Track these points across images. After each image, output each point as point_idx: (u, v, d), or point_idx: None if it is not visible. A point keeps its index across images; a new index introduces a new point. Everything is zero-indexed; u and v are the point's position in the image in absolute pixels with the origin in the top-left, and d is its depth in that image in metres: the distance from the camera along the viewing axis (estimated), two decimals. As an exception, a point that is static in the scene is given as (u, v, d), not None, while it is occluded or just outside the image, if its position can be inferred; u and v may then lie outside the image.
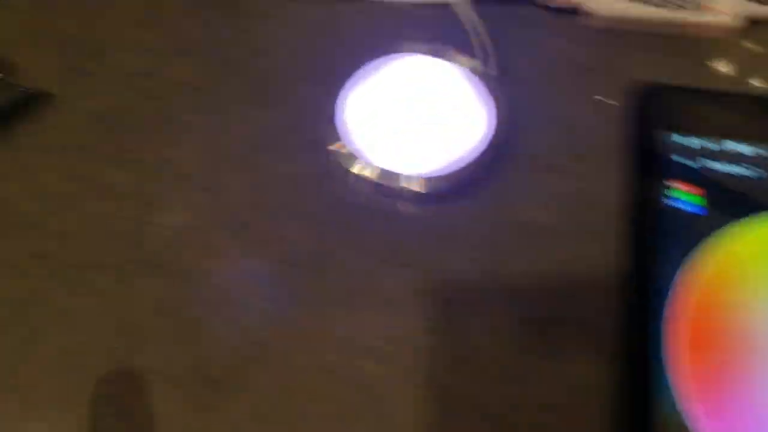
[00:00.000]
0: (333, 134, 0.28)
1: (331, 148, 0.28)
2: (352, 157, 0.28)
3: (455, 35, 0.31)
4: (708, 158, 0.20)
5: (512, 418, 0.23)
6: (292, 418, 0.23)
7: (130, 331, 0.25)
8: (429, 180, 0.27)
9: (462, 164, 0.27)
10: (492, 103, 0.28)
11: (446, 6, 0.32)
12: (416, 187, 0.27)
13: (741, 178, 0.20)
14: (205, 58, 0.31)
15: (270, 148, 0.29)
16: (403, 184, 0.27)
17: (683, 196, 0.20)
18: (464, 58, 0.29)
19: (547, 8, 0.32)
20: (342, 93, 0.29)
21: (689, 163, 0.20)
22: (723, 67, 0.30)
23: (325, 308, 0.25)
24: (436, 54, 0.30)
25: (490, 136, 0.28)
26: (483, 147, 0.28)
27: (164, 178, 0.28)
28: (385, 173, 0.27)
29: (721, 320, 0.18)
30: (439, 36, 0.31)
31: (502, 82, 0.29)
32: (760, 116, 0.21)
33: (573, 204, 0.27)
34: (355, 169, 0.27)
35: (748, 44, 0.31)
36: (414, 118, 0.28)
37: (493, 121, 0.28)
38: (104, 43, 0.31)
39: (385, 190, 0.27)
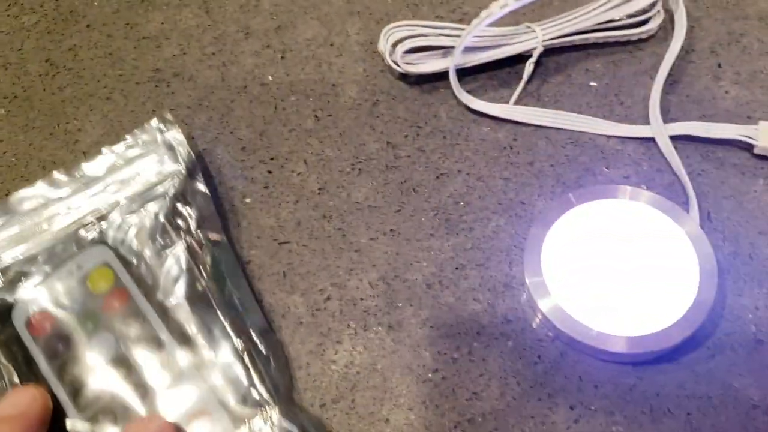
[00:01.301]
0: (527, 270, 0.27)
1: (527, 282, 0.26)
2: (547, 301, 0.26)
3: (659, 176, 0.29)
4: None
5: None
6: None
7: None
8: (631, 341, 0.25)
9: (667, 325, 0.25)
10: (702, 258, 0.26)
11: (650, 141, 0.30)
12: (615, 348, 0.25)
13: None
14: (384, 175, 0.30)
15: (448, 281, 0.27)
16: (599, 344, 0.25)
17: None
18: (669, 204, 0.27)
19: (764, 157, 0.29)
20: (536, 229, 0.27)
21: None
22: None
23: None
24: (637, 197, 0.27)
25: (701, 296, 0.25)
26: (693, 308, 0.25)
27: (330, 306, 0.27)
28: (579, 327, 0.25)
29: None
30: (641, 174, 0.29)
31: (708, 231, 0.27)
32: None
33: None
34: (546, 311, 0.26)
35: None
36: (614, 268, 0.26)
37: (701, 279, 0.26)
38: (280, 152, 0.31)
39: (578, 345, 0.26)
